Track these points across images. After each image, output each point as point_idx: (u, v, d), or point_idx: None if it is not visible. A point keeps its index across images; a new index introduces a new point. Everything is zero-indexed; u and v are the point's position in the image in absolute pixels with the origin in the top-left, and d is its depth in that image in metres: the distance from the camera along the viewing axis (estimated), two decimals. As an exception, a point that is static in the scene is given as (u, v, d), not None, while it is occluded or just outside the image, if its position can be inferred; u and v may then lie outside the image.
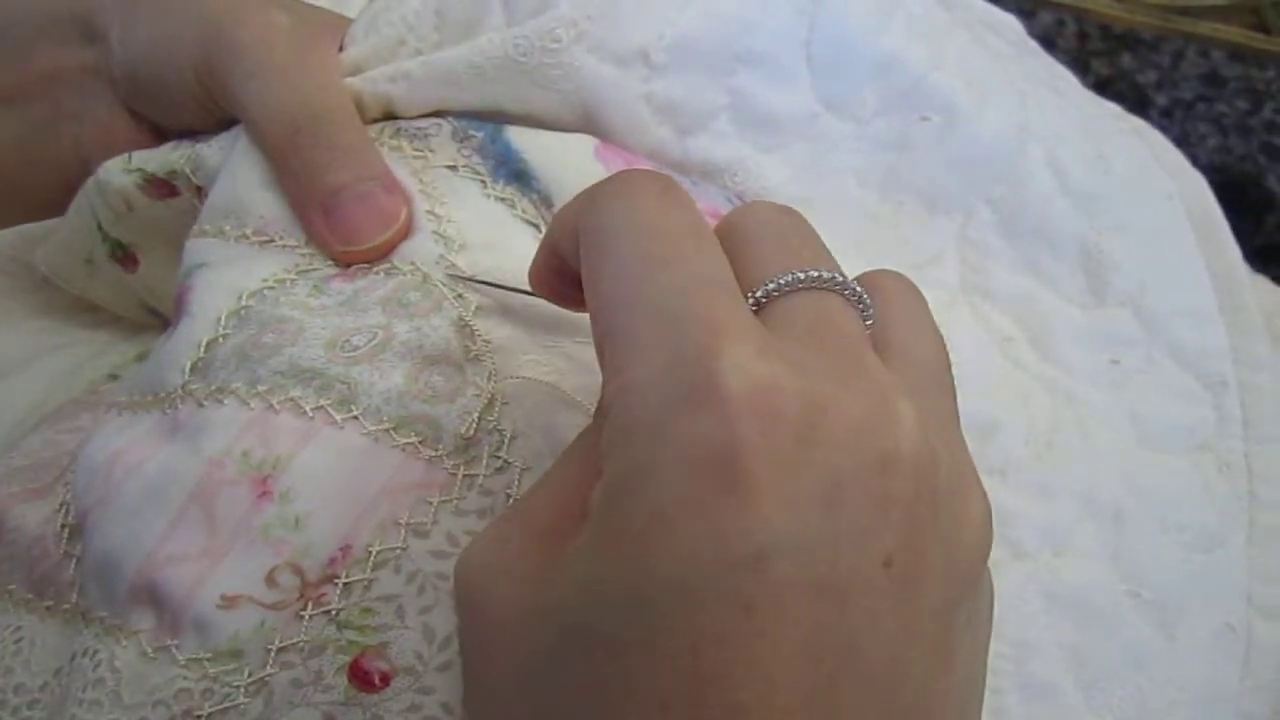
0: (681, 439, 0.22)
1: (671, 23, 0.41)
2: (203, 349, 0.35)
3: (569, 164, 0.39)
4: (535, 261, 0.31)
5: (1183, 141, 0.50)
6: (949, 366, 0.27)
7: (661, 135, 0.41)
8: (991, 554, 0.33)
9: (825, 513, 0.22)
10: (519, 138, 0.39)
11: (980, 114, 0.43)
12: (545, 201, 0.38)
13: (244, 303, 0.35)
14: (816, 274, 0.26)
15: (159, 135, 0.41)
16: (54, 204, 0.43)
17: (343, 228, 0.36)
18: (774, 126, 0.43)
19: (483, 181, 0.38)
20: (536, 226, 0.38)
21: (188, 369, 0.34)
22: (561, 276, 0.30)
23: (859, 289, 0.26)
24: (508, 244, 0.37)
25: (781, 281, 0.26)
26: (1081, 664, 0.33)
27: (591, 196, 0.27)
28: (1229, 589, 0.36)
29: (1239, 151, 0.80)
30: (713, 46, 0.41)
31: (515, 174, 0.38)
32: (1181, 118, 0.78)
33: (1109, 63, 0.60)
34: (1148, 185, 0.45)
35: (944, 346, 0.28)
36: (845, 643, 0.21)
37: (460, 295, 0.36)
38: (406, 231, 0.37)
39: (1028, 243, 0.43)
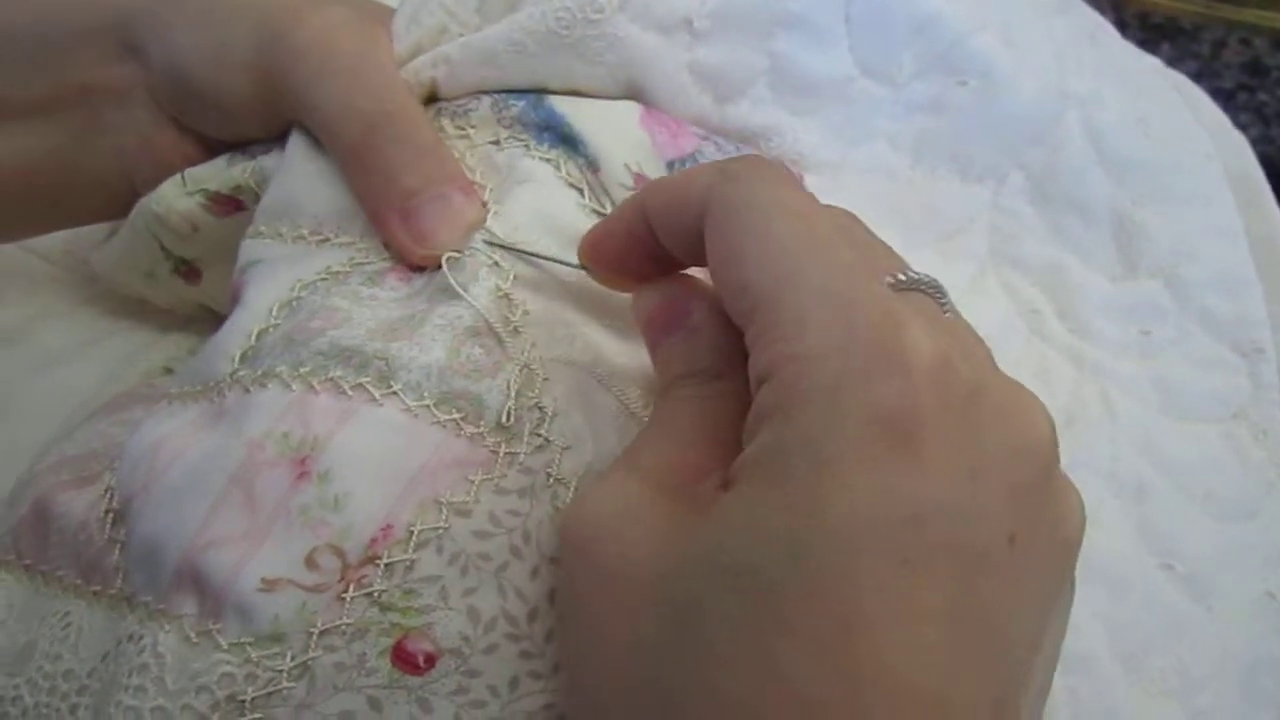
0: (864, 402, 0.23)
1: None
2: (253, 338, 0.34)
3: (615, 131, 0.38)
4: (607, 230, 0.32)
5: (1223, 132, 0.48)
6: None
7: (703, 103, 0.40)
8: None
9: (971, 486, 0.23)
10: (562, 104, 0.38)
11: (1018, 77, 0.42)
12: (592, 166, 0.37)
13: (296, 293, 0.35)
14: (917, 277, 0.27)
15: (203, 145, 0.40)
16: (97, 212, 0.43)
17: (421, 232, 0.35)
18: (810, 90, 0.41)
19: (526, 145, 0.37)
20: (580, 191, 0.36)
21: (237, 358, 0.34)
22: (638, 248, 0.31)
23: (945, 290, 0.28)
24: (551, 207, 0.36)
25: (888, 280, 0.27)
26: (1118, 636, 0.32)
27: (727, 174, 0.28)
28: (1268, 558, 0.35)
29: (1280, 141, 0.78)
30: (753, 10, 0.40)
31: (561, 138, 0.37)
32: (1222, 107, 0.76)
33: (1148, 52, 0.58)
34: (1187, 146, 0.44)
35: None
36: (975, 608, 0.22)
37: (496, 264, 0.34)
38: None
39: (1059, 211, 0.41)
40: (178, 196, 0.40)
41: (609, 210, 0.36)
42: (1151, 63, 0.50)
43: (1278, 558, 0.35)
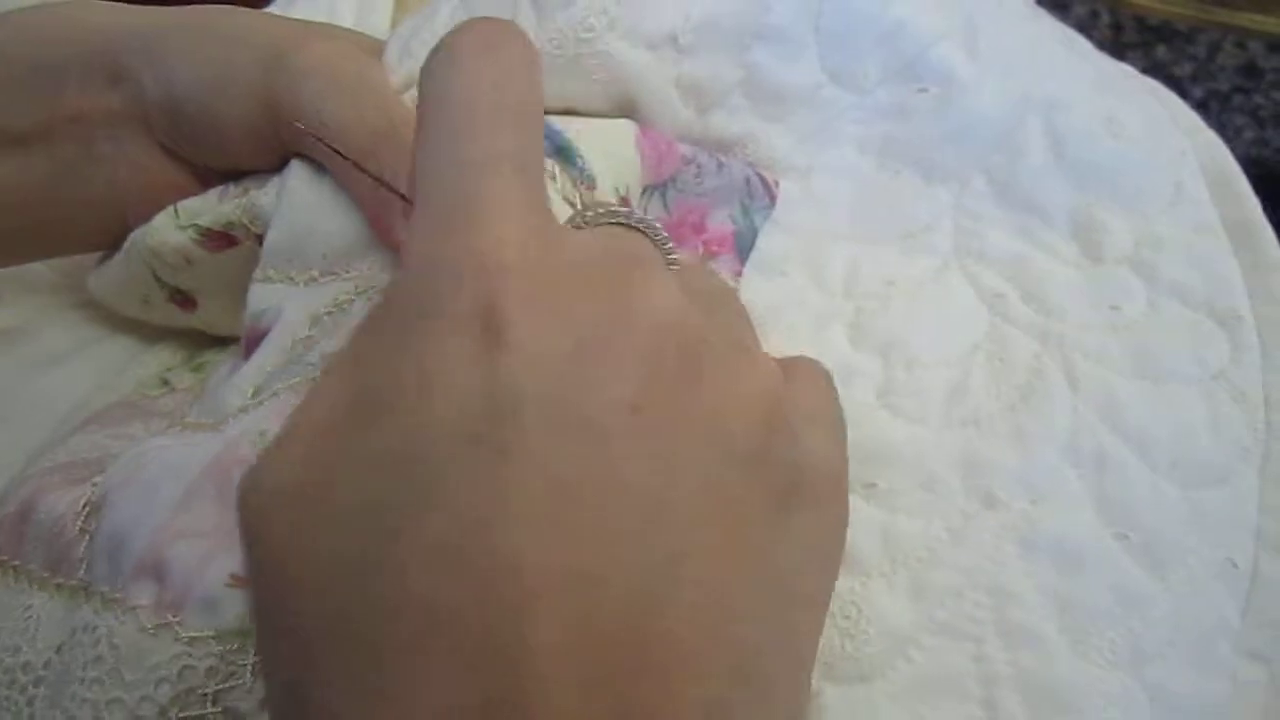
0: (443, 300, 0.23)
1: (697, 2, 0.40)
2: (265, 374, 0.35)
3: (610, 152, 0.38)
4: None
5: (1219, 134, 0.48)
6: (739, 300, 0.30)
7: (687, 115, 0.41)
8: (963, 504, 0.34)
9: (572, 364, 0.23)
10: (558, 121, 0.38)
11: (980, 86, 0.42)
12: (588, 182, 0.37)
13: (309, 331, 0.35)
14: (637, 215, 0.28)
15: (195, 175, 0.40)
16: (87, 242, 0.43)
17: None
18: (781, 98, 0.42)
19: None
20: (572, 204, 0.36)
21: (250, 393, 0.34)
22: None
23: (669, 237, 0.29)
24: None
25: (598, 212, 0.28)
26: (1065, 610, 0.32)
27: (430, 59, 0.28)
28: (1234, 525, 0.34)
29: (1276, 144, 0.78)
30: (733, 24, 0.41)
31: (557, 149, 0.37)
32: (1218, 110, 0.76)
33: (1144, 55, 0.59)
34: (1161, 143, 0.43)
35: (735, 294, 0.30)
36: (603, 482, 0.22)
37: None
38: None
39: (1021, 213, 0.41)
40: (170, 230, 0.40)
41: None
42: (1126, 69, 0.50)
43: (1244, 525, 0.34)
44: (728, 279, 0.39)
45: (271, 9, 0.60)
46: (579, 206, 0.36)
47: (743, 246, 0.40)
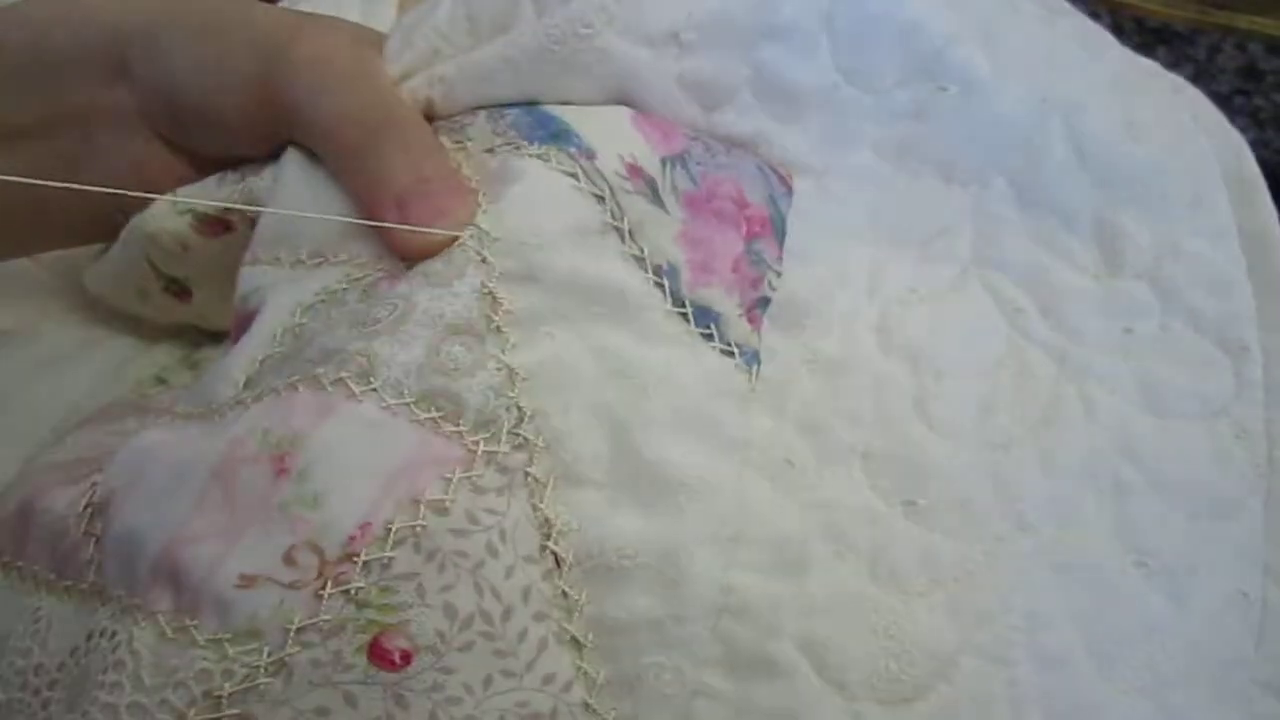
0: None
1: (699, 0, 0.40)
2: (258, 364, 0.34)
3: (607, 126, 0.38)
4: None
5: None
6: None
7: (692, 113, 0.41)
8: (998, 527, 0.34)
9: None
10: (554, 109, 0.38)
11: (1000, 85, 0.42)
12: (587, 153, 0.36)
13: (298, 319, 0.35)
14: None
15: (194, 165, 0.40)
16: (84, 235, 0.43)
17: (415, 224, 0.35)
18: (793, 98, 0.41)
19: (517, 147, 0.37)
20: (574, 177, 0.36)
21: (241, 383, 0.34)
22: None
23: None
24: (543, 198, 0.36)
25: None
26: (1092, 635, 0.32)
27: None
28: (1243, 557, 0.35)
29: (1276, 145, 0.78)
30: (738, 22, 0.40)
31: (553, 135, 0.37)
32: (1218, 112, 0.75)
33: (1144, 56, 0.59)
34: (1182, 146, 0.43)
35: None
36: None
37: (484, 260, 0.34)
38: None
39: (1042, 216, 0.41)
40: (168, 216, 0.40)
41: (606, 192, 0.36)
42: (1150, 66, 0.50)
43: (1252, 557, 0.35)
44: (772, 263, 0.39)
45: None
46: (579, 175, 0.36)
47: (778, 232, 0.40)
